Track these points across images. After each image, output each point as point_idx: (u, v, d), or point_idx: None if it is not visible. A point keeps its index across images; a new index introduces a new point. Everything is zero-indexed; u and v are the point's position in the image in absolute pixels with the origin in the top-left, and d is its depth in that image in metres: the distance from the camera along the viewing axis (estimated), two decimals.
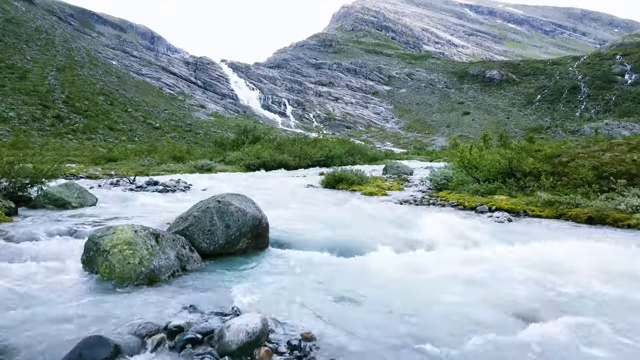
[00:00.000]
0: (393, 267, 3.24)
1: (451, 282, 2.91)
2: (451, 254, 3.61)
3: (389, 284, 2.87)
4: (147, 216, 5.01)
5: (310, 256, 3.64)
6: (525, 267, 3.13)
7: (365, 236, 4.17)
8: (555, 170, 7.48)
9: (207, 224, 3.44)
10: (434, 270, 3.17)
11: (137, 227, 3.02)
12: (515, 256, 3.39)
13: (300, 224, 4.68)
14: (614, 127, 47.88)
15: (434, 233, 4.25)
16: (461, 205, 6.93)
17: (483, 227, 4.80)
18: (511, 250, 3.56)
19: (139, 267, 2.75)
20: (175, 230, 3.46)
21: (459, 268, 3.18)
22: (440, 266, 3.23)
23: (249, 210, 3.67)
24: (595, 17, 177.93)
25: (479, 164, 8.24)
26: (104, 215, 5.15)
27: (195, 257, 3.28)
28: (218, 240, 3.44)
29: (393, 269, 3.17)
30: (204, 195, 8.37)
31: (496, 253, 3.52)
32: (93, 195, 6.24)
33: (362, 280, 2.98)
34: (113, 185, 8.90)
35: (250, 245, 3.70)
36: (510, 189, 7.30)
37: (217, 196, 3.77)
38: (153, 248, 2.92)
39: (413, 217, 5.60)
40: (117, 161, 15.40)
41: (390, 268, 3.21)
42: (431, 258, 3.50)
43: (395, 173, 12.41)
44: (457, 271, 3.12)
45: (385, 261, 3.43)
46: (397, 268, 3.21)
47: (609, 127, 48.29)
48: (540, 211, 6.16)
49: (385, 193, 8.48)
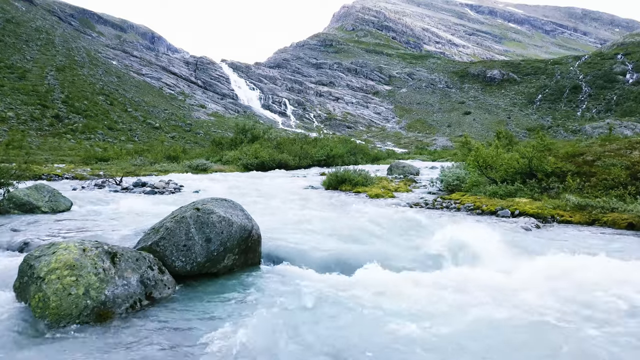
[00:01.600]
0: (424, 294, 2.53)
1: (502, 314, 2.22)
2: (489, 272, 2.92)
3: (424, 320, 2.17)
4: (122, 224, 4.32)
5: (313, 276, 2.95)
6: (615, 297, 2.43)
7: (379, 249, 3.49)
8: (580, 170, 6.80)
9: (183, 238, 2.75)
10: (477, 299, 2.48)
11: (88, 244, 2.33)
12: (581, 276, 2.67)
13: (300, 234, 3.99)
14: (615, 127, 47.26)
15: (458, 244, 3.56)
16: (478, 209, 6.24)
17: (514, 237, 4.10)
18: (569, 269, 2.85)
19: (83, 300, 2.06)
20: (142, 245, 2.77)
21: (506, 296, 2.49)
22: (482, 292, 2.53)
23: (235, 220, 2.98)
24: (596, 17, 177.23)
25: (495, 163, 7.55)
26: (73, 222, 4.46)
27: (167, 281, 2.59)
28: (196, 258, 2.75)
29: (425, 298, 2.47)
30: (195, 197, 7.73)
31: (553, 272, 2.81)
32: (67, 198, 5.55)
33: (384, 314, 2.28)
34: (97, 187, 8.22)
35: (237, 262, 3.02)
36: (532, 190, 6.60)
37: (197, 202, 3.09)
38: (106, 272, 2.23)
39: (428, 223, 4.91)
40: (108, 161, 14.73)
41: (421, 295, 2.51)
42: (466, 278, 2.80)
43: (401, 173, 11.73)
44: (505, 298, 2.43)
45: (409, 284, 2.74)
46: (429, 296, 2.51)
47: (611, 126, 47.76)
48: (569, 216, 5.47)
49: (392, 195, 7.80)
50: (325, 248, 3.51)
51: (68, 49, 55.07)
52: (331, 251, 3.43)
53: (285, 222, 4.52)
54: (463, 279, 2.78)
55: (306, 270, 3.07)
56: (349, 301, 2.45)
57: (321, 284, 2.79)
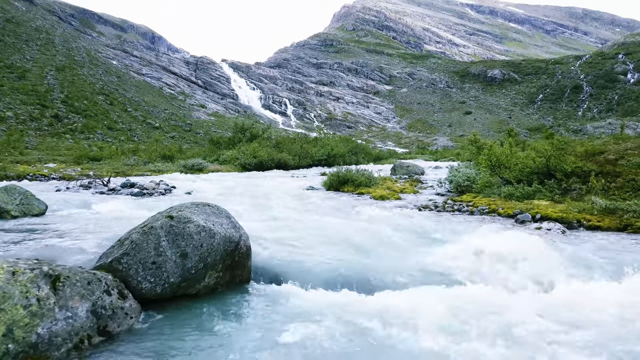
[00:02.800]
0: (456, 321, 1.99)
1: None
2: (569, 295, 2.38)
3: None
4: (94, 231, 3.79)
5: (314, 298, 2.42)
6: None
7: (392, 261, 2.95)
8: (603, 170, 6.27)
9: (152, 253, 2.22)
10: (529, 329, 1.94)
11: (21, 265, 1.79)
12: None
13: (299, 242, 3.46)
14: (617, 127, 46.80)
15: (496, 256, 3.02)
16: (494, 212, 5.70)
17: (557, 245, 3.56)
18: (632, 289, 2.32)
19: (4, 342, 1.53)
20: (101, 263, 2.23)
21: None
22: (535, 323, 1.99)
23: (218, 230, 2.44)
24: (597, 17, 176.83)
25: (509, 163, 7.02)
26: (39, 229, 3.93)
27: (129, 308, 2.06)
28: (168, 278, 2.22)
29: (457, 326, 1.93)
30: (187, 199, 7.20)
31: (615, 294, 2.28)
32: (41, 201, 5.01)
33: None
34: (83, 188, 7.69)
35: (221, 280, 2.48)
36: (552, 192, 6.06)
37: (172, 208, 2.55)
38: (42, 302, 1.70)
39: (442, 228, 4.38)
40: (101, 160, 14.19)
41: (450, 322, 1.97)
42: (549, 303, 2.26)
43: (405, 173, 11.19)
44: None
45: (432, 307, 2.20)
46: (462, 323, 1.97)
47: (612, 126, 47.33)
48: (597, 221, 4.93)
49: (398, 197, 7.26)
50: (329, 260, 2.98)
51: (68, 48, 54.68)
52: (336, 264, 2.89)
53: (282, 229, 3.99)
54: (545, 304, 2.24)
55: (306, 291, 2.54)
56: (364, 336, 1.92)
57: (326, 308, 2.26)
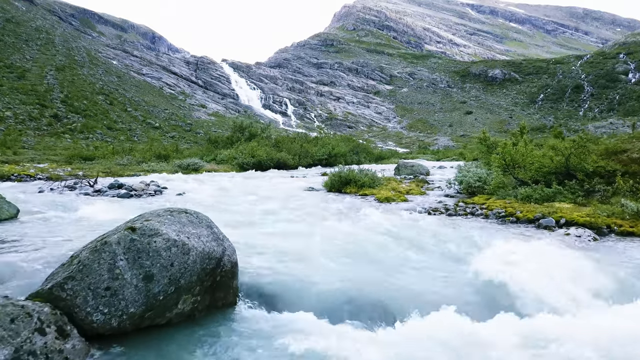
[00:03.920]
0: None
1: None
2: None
3: None
4: (62, 240, 3.30)
5: (315, 329, 1.92)
6: None
7: (406, 280, 2.45)
8: (629, 170, 5.79)
9: (105, 276, 1.72)
10: None
11: None
12: None
13: (297, 254, 2.96)
14: (618, 127, 46.33)
15: (530, 273, 2.52)
16: (511, 215, 5.20)
17: (595, 258, 3.06)
18: None
19: None
20: (39, 289, 1.73)
21: None
22: None
23: (194, 244, 1.95)
24: (598, 16, 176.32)
25: (525, 162, 6.53)
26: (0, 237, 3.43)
27: (71, 350, 1.56)
28: (127, 307, 1.72)
29: None
30: (178, 200, 6.71)
31: None
32: (12, 204, 4.53)
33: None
34: (68, 189, 7.20)
35: (199, 305, 1.99)
36: (574, 194, 5.56)
37: (137, 218, 2.05)
38: None
39: (459, 236, 3.89)
40: (94, 160, 13.70)
41: None
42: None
43: (409, 173, 10.69)
44: None
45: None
46: None
47: (614, 126, 46.84)
48: (630, 226, 4.44)
49: (405, 198, 6.76)
50: (333, 279, 2.48)
51: (68, 48, 54.29)
52: (342, 284, 2.40)
53: (278, 237, 3.50)
54: None
55: (305, 318, 2.04)
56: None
57: (331, 343, 1.77)
